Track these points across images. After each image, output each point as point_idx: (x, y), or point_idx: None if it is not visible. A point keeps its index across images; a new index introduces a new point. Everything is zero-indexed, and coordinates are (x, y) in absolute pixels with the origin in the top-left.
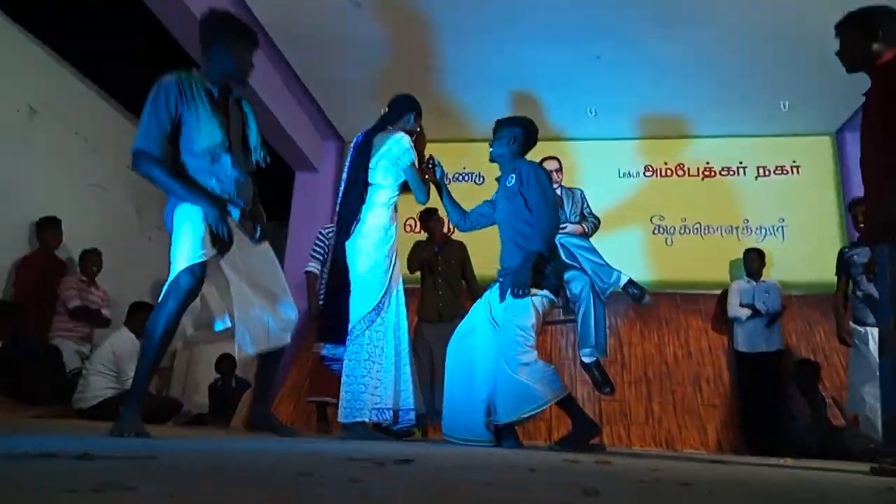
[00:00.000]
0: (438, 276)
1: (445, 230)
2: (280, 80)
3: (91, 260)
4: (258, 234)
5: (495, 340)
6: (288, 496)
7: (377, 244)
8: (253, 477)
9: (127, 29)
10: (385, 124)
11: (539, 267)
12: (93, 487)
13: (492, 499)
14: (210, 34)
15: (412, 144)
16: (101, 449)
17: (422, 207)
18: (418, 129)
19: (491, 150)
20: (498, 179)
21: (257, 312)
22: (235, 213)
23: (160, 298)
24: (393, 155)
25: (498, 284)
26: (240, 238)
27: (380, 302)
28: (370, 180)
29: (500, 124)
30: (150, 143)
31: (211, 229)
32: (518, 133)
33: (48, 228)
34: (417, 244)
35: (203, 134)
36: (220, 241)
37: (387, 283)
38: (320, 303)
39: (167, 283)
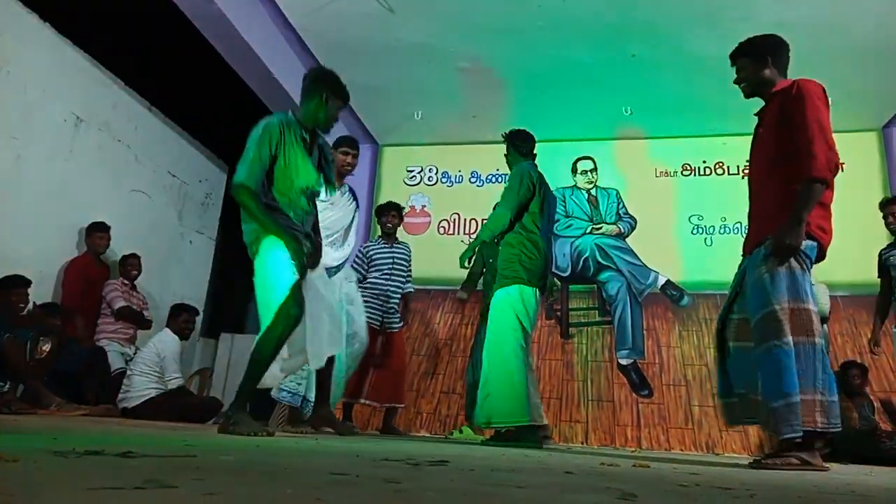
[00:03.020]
0: None
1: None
2: None
3: (131, 264)
4: (311, 261)
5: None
6: (323, 496)
7: None
8: (288, 476)
9: (169, 41)
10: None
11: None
12: (136, 485)
13: (527, 501)
14: (314, 85)
15: None
16: (143, 447)
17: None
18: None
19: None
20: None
21: (323, 328)
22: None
23: (270, 323)
24: None
25: None
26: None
27: None
28: None
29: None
30: (251, 179)
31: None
32: (517, 144)
33: (96, 233)
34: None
35: (301, 175)
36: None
37: None
38: None
39: (276, 308)
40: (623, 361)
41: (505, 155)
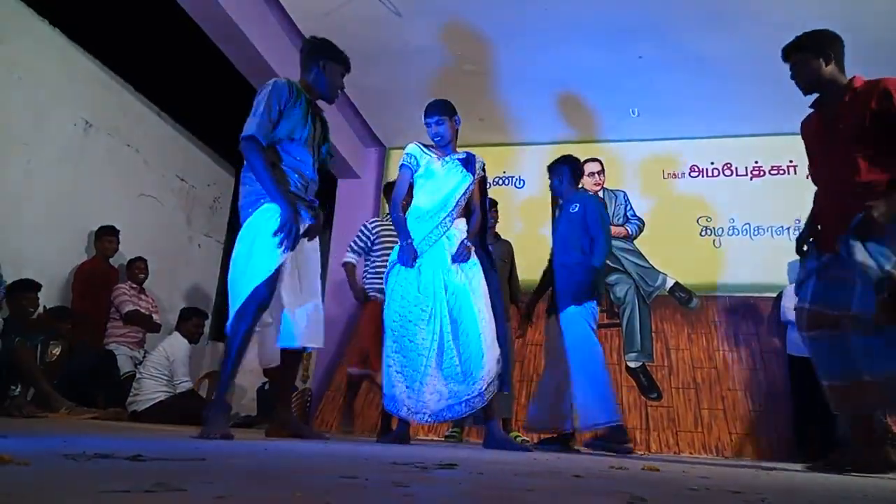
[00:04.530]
0: None
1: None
2: None
3: (138, 267)
4: (310, 232)
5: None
6: (332, 499)
7: None
8: (297, 480)
9: (177, 46)
10: None
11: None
12: (145, 488)
13: None
14: (311, 55)
15: None
16: (153, 450)
17: None
18: None
19: (552, 184)
20: (560, 206)
21: (302, 309)
22: (305, 214)
23: (240, 307)
24: None
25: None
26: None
27: None
28: None
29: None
30: (260, 132)
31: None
32: (572, 168)
33: (105, 236)
34: None
35: (301, 129)
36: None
37: None
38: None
39: (248, 291)
40: (632, 364)
41: (557, 183)
